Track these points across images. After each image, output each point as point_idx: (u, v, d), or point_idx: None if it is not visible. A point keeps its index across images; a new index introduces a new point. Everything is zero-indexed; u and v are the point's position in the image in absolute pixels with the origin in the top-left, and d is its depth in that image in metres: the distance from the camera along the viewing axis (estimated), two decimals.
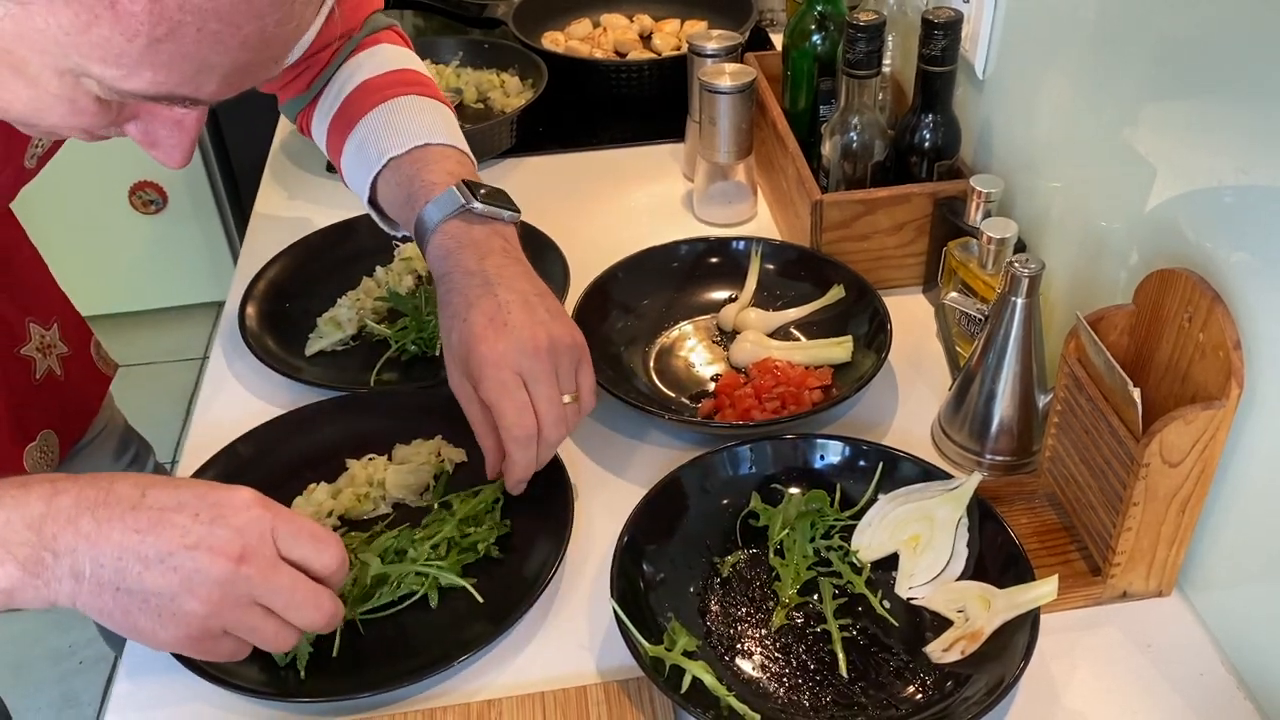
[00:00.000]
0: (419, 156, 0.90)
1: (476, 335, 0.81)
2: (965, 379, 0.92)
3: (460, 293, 0.83)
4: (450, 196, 0.86)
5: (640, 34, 1.56)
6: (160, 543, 0.63)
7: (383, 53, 0.99)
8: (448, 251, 0.86)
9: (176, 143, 0.62)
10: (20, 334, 1.04)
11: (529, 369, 0.80)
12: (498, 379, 0.80)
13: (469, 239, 0.86)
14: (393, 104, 0.94)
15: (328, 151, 0.99)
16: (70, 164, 2.10)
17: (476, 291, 0.83)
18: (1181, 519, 0.77)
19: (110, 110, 0.59)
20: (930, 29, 1.01)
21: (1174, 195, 0.80)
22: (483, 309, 0.81)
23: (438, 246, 0.86)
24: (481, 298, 0.82)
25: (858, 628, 0.80)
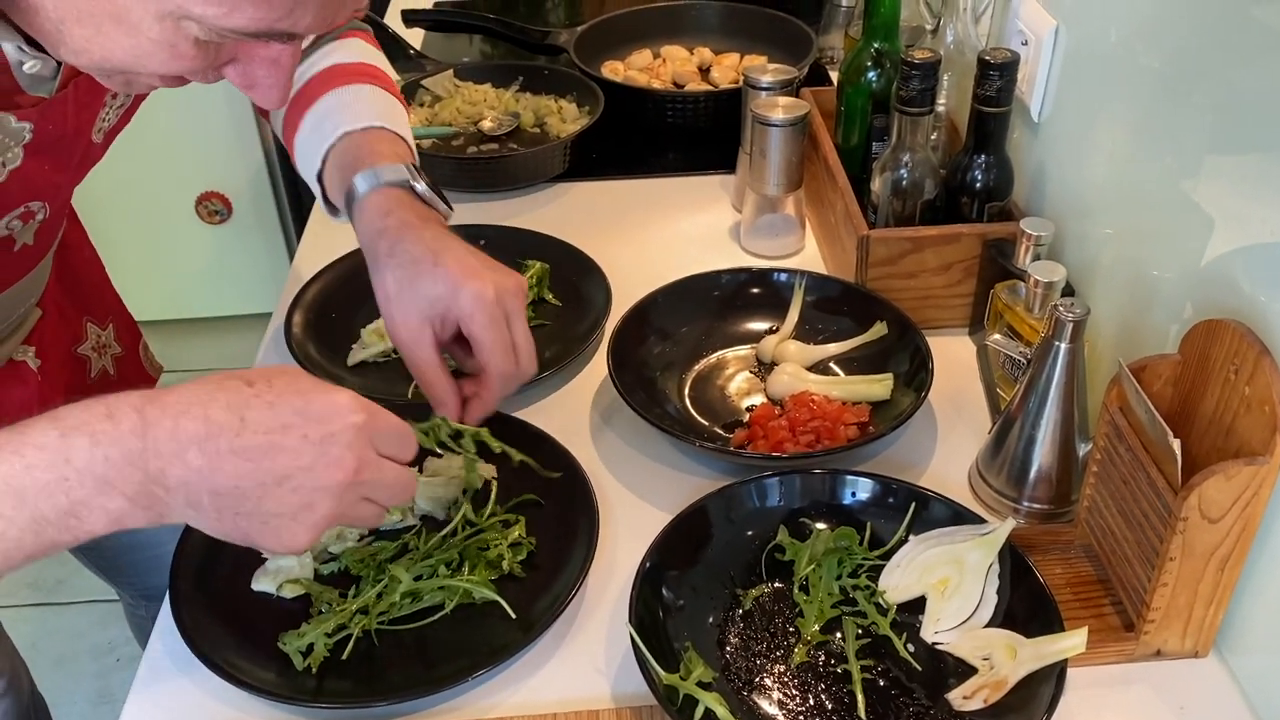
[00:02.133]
0: (373, 134, 0.92)
1: (461, 275, 0.82)
2: (1005, 423, 0.90)
3: (417, 242, 0.84)
4: (395, 170, 0.88)
5: (699, 66, 1.57)
6: (276, 467, 0.63)
7: (354, 45, 1.01)
8: (388, 210, 0.86)
9: (274, 82, 0.64)
10: (78, 333, 1.07)
11: (511, 307, 0.84)
12: (491, 315, 0.82)
13: (410, 205, 0.87)
14: (357, 88, 0.96)
15: (283, 129, 1.00)
16: (139, 172, 2.18)
17: (435, 243, 0.84)
18: (1220, 577, 0.74)
19: (209, 53, 0.61)
20: (986, 69, 1.00)
21: (1232, 248, 0.79)
22: (452, 255, 0.83)
23: (376, 205, 0.86)
24: (445, 247, 0.84)
25: (879, 670, 0.78)
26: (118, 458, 0.61)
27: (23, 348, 0.97)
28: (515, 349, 0.85)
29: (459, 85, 1.50)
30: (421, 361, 0.85)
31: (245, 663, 0.78)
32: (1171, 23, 0.85)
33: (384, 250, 0.84)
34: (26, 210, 0.81)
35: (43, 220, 0.85)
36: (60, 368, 1.03)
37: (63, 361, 1.03)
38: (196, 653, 0.78)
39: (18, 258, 0.87)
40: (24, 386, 0.96)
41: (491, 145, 1.42)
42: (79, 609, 2.09)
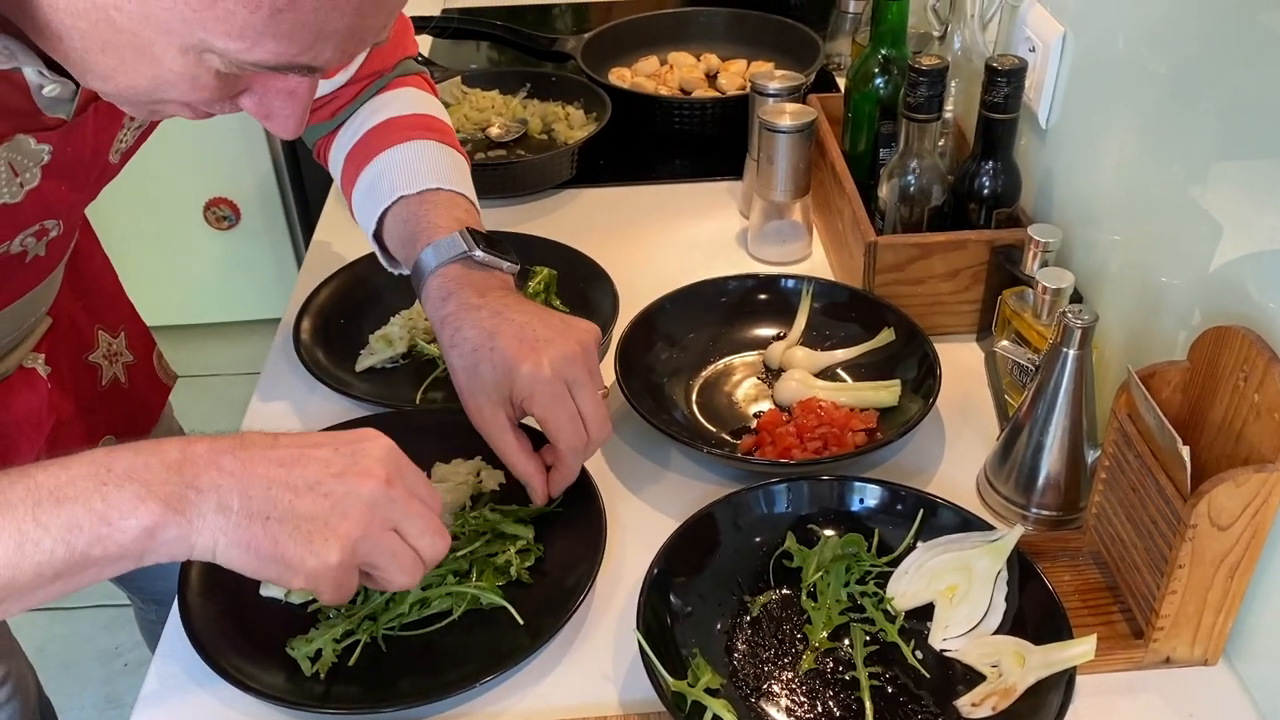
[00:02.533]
0: (429, 199, 0.92)
1: (515, 357, 0.81)
2: (1013, 430, 0.90)
3: (474, 326, 0.84)
4: (453, 241, 0.88)
5: (706, 73, 1.58)
6: (307, 473, 0.65)
7: (408, 95, 1.01)
8: (448, 293, 0.86)
9: (290, 113, 0.65)
10: (89, 341, 1.07)
11: (573, 376, 0.82)
12: (550, 393, 0.81)
13: (468, 280, 0.87)
14: (411, 145, 0.96)
15: (340, 182, 1.01)
16: (148, 179, 2.18)
17: (491, 321, 0.83)
18: (1230, 585, 0.74)
19: (228, 84, 0.62)
20: (994, 76, 1.00)
21: (1240, 254, 0.79)
22: (508, 333, 0.82)
23: (437, 289, 0.87)
24: (501, 325, 0.83)
25: (887, 677, 0.78)
26: (157, 464, 0.63)
27: (33, 355, 0.97)
28: (583, 418, 0.83)
29: (466, 92, 1.51)
30: (502, 446, 0.85)
31: (253, 668, 0.78)
32: (1179, 29, 0.85)
33: (447, 341, 0.85)
34: (41, 228, 0.82)
35: (55, 236, 0.86)
36: (70, 375, 1.03)
37: (73, 369, 1.04)
38: (205, 658, 0.78)
39: (29, 269, 0.87)
40: (34, 393, 0.97)
41: (499, 152, 1.42)
42: (87, 614, 2.09)
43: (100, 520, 0.61)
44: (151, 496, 0.62)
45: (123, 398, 1.11)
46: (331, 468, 0.66)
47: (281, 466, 0.65)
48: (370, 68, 0.99)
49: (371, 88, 1.00)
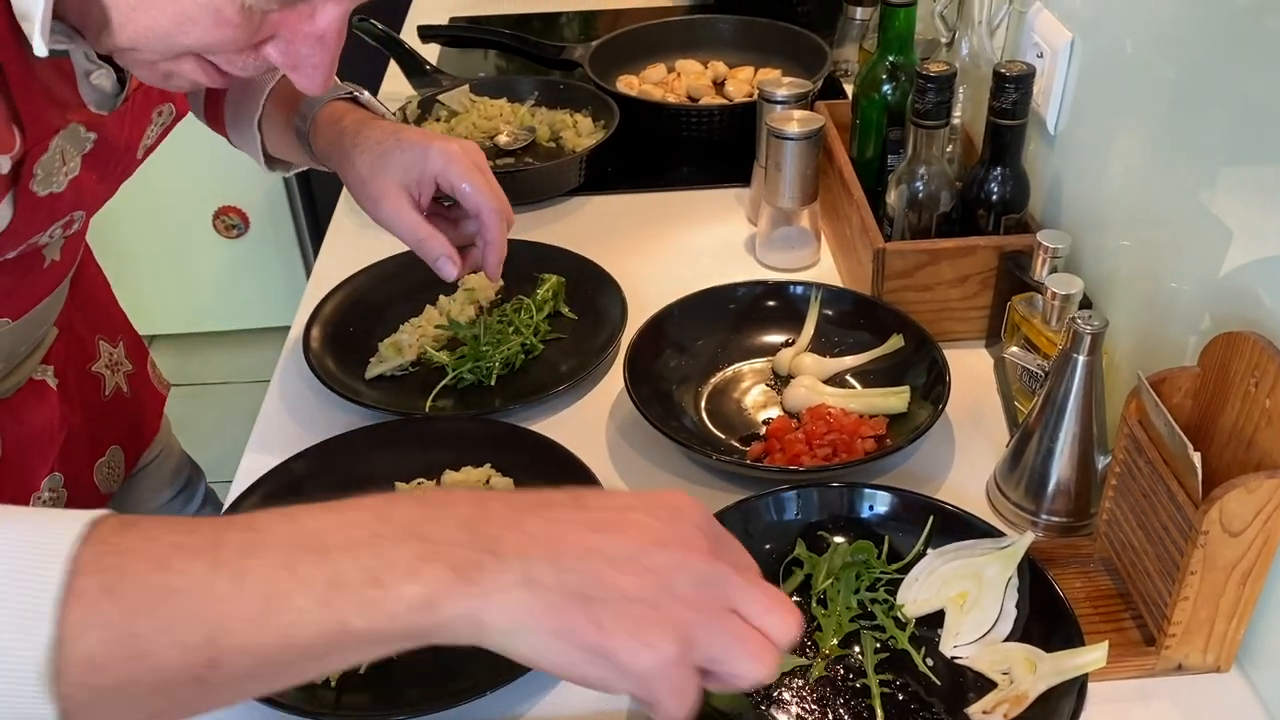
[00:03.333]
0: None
1: (425, 141, 0.87)
2: (1023, 436, 0.90)
3: (380, 128, 0.90)
4: (336, 89, 0.95)
5: (714, 80, 1.58)
6: (627, 541, 0.51)
7: None
8: (342, 115, 0.93)
9: (319, 61, 0.63)
10: (91, 351, 1.07)
11: (478, 159, 0.91)
12: (466, 163, 0.88)
13: (358, 114, 0.94)
14: None
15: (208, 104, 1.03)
16: (158, 187, 2.20)
17: (395, 127, 0.90)
18: (1242, 591, 0.74)
19: (253, 22, 0.60)
20: (1002, 82, 1.00)
21: (1250, 259, 0.78)
22: (414, 130, 0.90)
23: (329, 115, 0.93)
24: (400, 127, 0.90)
25: (898, 684, 0.78)
26: (448, 518, 0.50)
27: (41, 367, 0.98)
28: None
29: (475, 100, 1.51)
30: (410, 223, 0.90)
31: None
32: (1187, 34, 0.85)
33: (348, 144, 0.89)
34: (70, 219, 0.82)
35: (75, 232, 0.87)
36: (77, 386, 1.04)
37: (79, 380, 1.04)
38: None
39: (46, 274, 0.88)
40: (45, 405, 0.97)
41: (507, 159, 1.42)
42: None
43: (370, 581, 0.47)
44: (437, 558, 0.48)
45: (125, 407, 1.12)
46: (653, 535, 0.52)
47: (597, 531, 0.51)
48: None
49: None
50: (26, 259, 0.83)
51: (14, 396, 0.95)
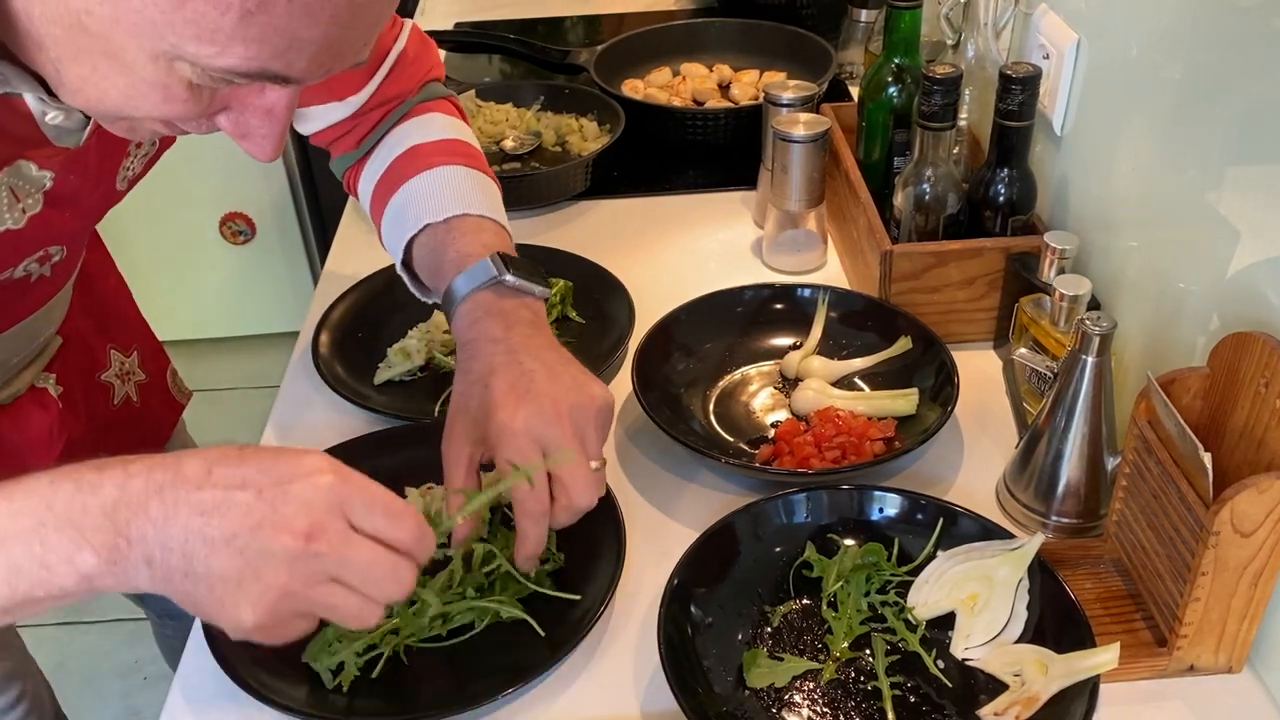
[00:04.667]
0: (456, 225, 0.90)
1: (496, 402, 0.78)
2: (1032, 437, 0.90)
3: (483, 359, 0.81)
4: (483, 267, 0.85)
5: (719, 84, 1.58)
6: (225, 523, 0.59)
7: (435, 121, 0.99)
8: (474, 320, 0.84)
9: (268, 133, 0.63)
10: (102, 360, 1.07)
11: (550, 437, 0.77)
12: (514, 447, 0.76)
13: (497, 309, 0.84)
14: (437, 171, 0.94)
15: (370, 212, 0.99)
16: (164, 194, 2.20)
17: (500, 359, 0.80)
18: (1254, 592, 0.74)
19: (202, 98, 0.60)
20: (1008, 84, 1.00)
21: (1258, 259, 0.78)
22: (505, 376, 0.79)
23: (464, 315, 0.85)
24: (505, 365, 0.80)
25: (909, 686, 0.78)
26: (94, 507, 0.59)
27: (44, 375, 0.98)
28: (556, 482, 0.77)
29: (480, 105, 1.52)
30: (450, 479, 0.81)
31: (276, 682, 0.79)
32: (1193, 35, 0.85)
33: (461, 369, 0.83)
34: (45, 253, 0.82)
35: (59, 260, 0.86)
36: (82, 395, 1.03)
37: (85, 388, 1.04)
38: (228, 672, 0.78)
39: (34, 289, 0.87)
40: (45, 413, 0.97)
41: (514, 164, 1.43)
42: (105, 628, 2.10)
43: (40, 565, 0.59)
44: (86, 545, 0.59)
45: (134, 417, 1.12)
46: (250, 517, 0.60)
47: (201, 515, 0.59)
48: (394, 89, 0.98)
49: (396, 112, 0.99)
50: (8, 285, 0.82)
51: (13, 405, 0.95)
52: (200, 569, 0.60)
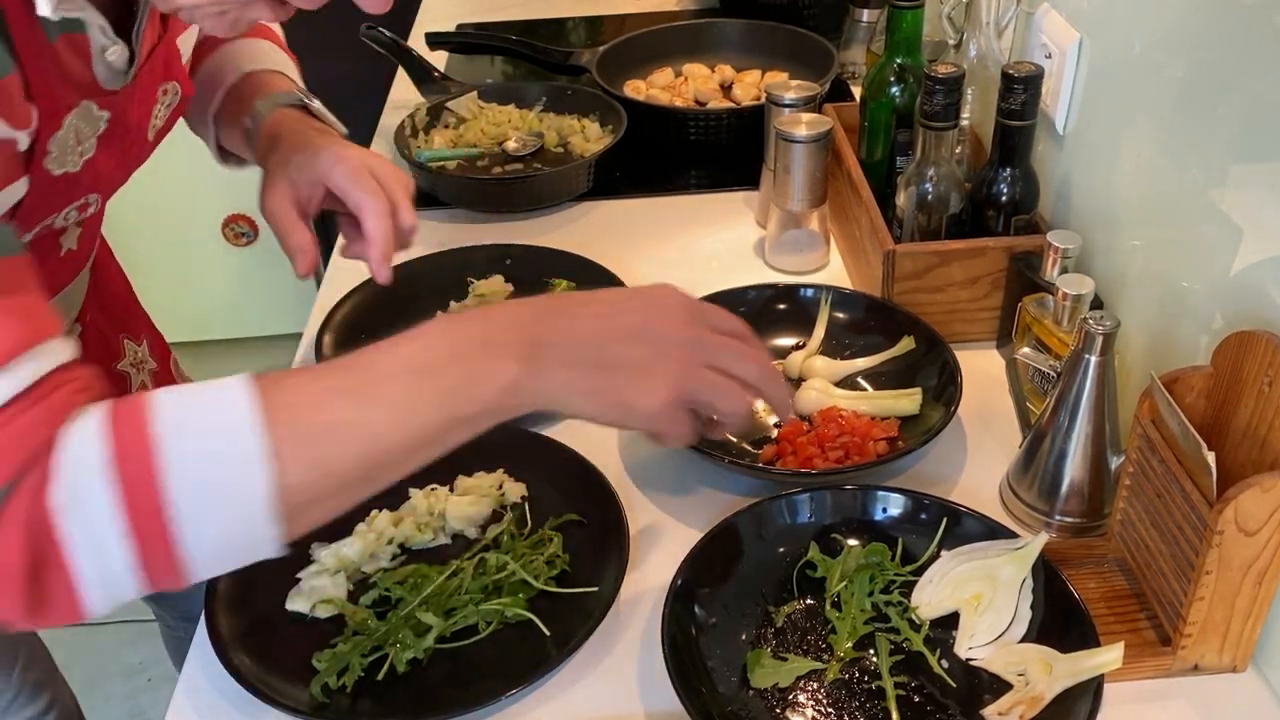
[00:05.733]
0: (272, 76, 0.99)
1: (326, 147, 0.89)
2: (1036, 437, 0.90)
3: (301, 137, 0.91)
4: (288, 94, 0.95)
5: (721, 84, 1.58)
6: (627, 321, 0.70)
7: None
8: (281, 123, 0.93)
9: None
10: (116, 349, 1.08)
11: (383, 174, 0.91)
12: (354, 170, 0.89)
13: (303, 123, 0.94)
14: (253, 41, 1.03)
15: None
16: (167, 195, 2.21)
17: (320, 139, 0.91)
18: (1258, 591, 0.74)
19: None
20: (1010, 83, 1.00)
21: (1261, 258, 0.78)
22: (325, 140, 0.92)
23: (272, 124, 0.93)
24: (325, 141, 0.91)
25: (913, 686, 0.78)
26: (506, 325, 0.68)
27: None
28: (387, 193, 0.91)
29: (483, 106, 1.52)
30: (281, 216, 0.91)
31: (280, 684, 0.79)
32: (1195, 33, 0.85)
33: (273, 157, 0.92)
34: (84, 202, 0.83)
35: (91, 215, 0.88)
36: None
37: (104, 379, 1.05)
38: (232, 674, 0.78)
39: (63, 264, 0.88)
40: None
41: (516, 165, 1.43)
42: (111, 629, 2.11)
43: (468, 382, 0.65)
44: (507, 356, 0.66)
45: None
46: (645, 314, 0.71)
47: (603, 319, 0.70)
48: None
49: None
50: (42, 245, 0.83)
51: None
52: (614, 360, 0.69)
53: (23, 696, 1.03)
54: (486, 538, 0.91)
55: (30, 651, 1.06)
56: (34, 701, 1.05)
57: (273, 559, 0.84)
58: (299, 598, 0.86)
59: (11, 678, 1.02)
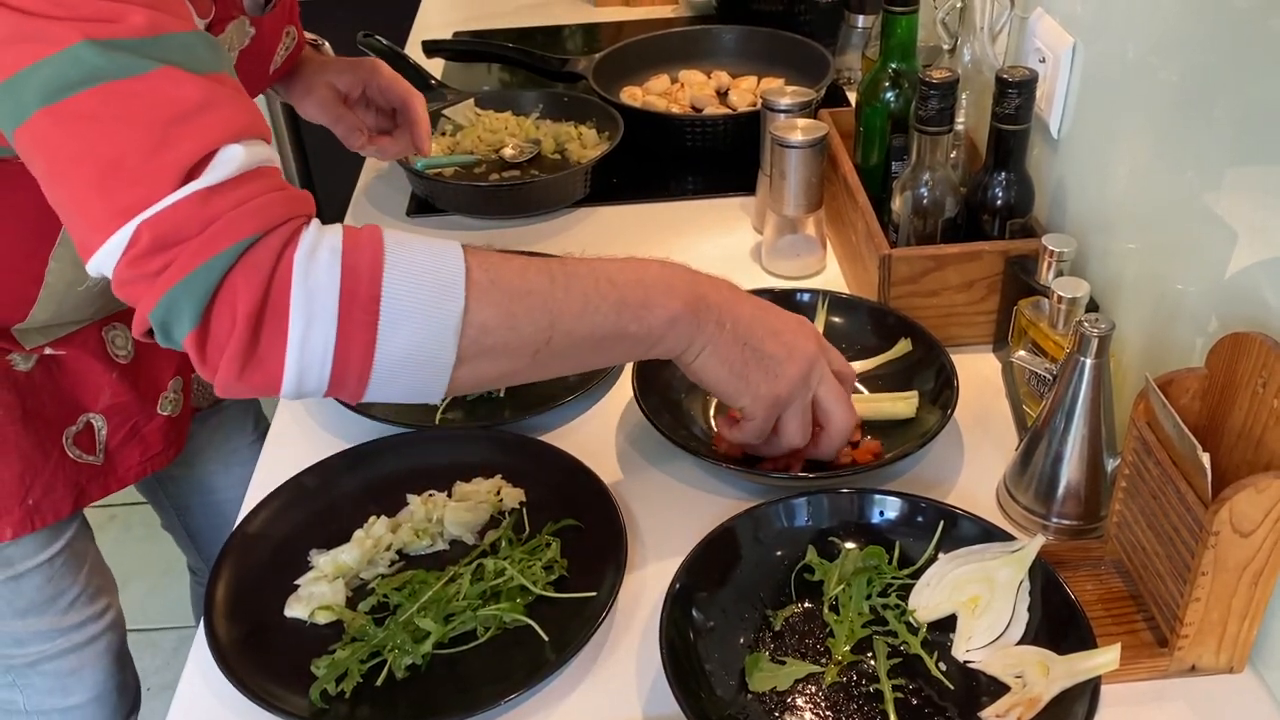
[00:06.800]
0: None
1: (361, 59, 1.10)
2: (1032, 440, 0.90)
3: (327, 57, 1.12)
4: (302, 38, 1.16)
5: (717, 90, 1.58)
6: (775, 322, 0.83)
7: None
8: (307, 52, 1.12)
9: None
10: None
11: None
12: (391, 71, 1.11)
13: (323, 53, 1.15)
14: None
15: None
16: None
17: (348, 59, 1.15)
18: (1254, 592, 0.74)
19: None
20: (1004, 88, 1.01)
21: (1256, 260, 0.79)
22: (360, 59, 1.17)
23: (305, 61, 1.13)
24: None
25: (911, 689, 0.78)
26: (677, 274, 0.79)
27: None
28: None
29: (480, 114, 1.52)
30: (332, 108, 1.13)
31: (279, 690, 0.79)
32: (1189, 37, 0.86)
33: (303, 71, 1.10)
34: None
35: None
36: None
37: None
38: (232, 680, 0.78)
39: None
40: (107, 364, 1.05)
41: (513, 172, 1.43)
42: None
43: (642, 304, 0.76)
44: (678, 296, 0.77)
45: None
46: (787, 323, 0.84)
47: (760, 310, 0.82)
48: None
49: None
50: None
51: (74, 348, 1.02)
52: (756, 344, 0.82)
53: (85, 596, 1.10)
54: (484, 543, 0.91)
55: (95, 561, 1.13)
56: (93, 603, 1.11)
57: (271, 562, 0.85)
58: (297, 604, 0.86)
59: (79, 577, 1.09)
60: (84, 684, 1.12)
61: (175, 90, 0.65)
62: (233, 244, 0.65)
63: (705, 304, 0.78)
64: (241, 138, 0.67)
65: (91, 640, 1.11)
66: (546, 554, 0.88)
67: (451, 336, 0.69)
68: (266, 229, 0.66)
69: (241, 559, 0.89)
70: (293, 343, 0.66)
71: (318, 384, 0.68)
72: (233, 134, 0.67)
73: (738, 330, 0.80)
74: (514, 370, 0.73)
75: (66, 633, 1.09)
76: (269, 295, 0.65)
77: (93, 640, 1.11)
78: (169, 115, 0.65)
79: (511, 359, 0.72)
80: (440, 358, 0.69)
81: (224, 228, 0.65)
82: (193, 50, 0.67)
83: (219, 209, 0.65)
